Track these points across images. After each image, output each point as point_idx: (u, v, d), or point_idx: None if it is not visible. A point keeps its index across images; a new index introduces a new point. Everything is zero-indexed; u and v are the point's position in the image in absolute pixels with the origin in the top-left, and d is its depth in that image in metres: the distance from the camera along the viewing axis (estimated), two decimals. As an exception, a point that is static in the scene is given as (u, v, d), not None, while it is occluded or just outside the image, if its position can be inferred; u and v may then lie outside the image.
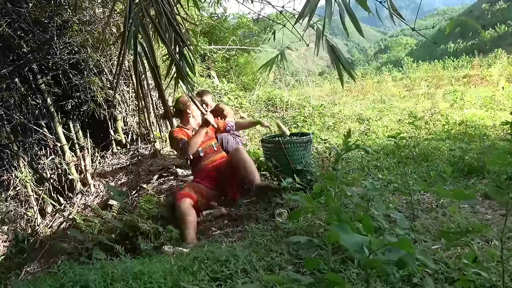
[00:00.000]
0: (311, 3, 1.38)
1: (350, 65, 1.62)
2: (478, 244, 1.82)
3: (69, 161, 4.36)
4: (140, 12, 1.50)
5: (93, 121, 4.73)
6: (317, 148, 4.68)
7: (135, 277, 1.66)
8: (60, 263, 1.96)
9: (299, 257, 1.77)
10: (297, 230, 2.17)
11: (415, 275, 1.48)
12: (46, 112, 4.33)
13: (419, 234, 1.99)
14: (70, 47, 4.17)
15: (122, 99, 4.86)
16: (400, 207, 2.52)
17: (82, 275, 1.69)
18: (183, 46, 1.68)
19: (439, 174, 3.17)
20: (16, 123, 4.16)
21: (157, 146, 4.75)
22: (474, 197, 1.31)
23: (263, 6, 4.67)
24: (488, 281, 1.38)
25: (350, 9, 1.42)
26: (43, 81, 4.20)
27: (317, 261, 1.30)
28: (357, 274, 1.54)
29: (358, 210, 1.87)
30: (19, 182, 4.17)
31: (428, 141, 4.67)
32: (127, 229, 2.56)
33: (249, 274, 1.65)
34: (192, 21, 6.17)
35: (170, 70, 1.94)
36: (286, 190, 2.69)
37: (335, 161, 1.84)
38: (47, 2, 3.88)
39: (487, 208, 2.48)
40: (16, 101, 4.10)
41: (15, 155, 4.23)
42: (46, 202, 4.27)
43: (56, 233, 3.57)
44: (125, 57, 1.46)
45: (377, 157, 4.06)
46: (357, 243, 0.95)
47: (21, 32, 3.95)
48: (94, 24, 4.19)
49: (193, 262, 1.79)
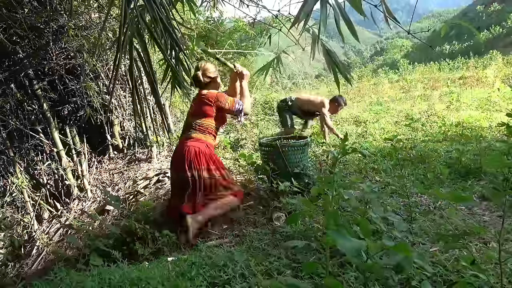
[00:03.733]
0: (306, 8, 1.38)
1: (346, 69, 1.63)
2: (476, 246, 1.83)
3: (66, 167, 4.34)
4: (135, 18, 1.50)
5: (90, 126, 4.72)
6: (315, 151, 4.69)
7: (132, 283, 1.65)
8: (56, 269, 1.94)
9: (297, 261, 1.77)
10: (295, 234, 2.16)
11: (413, 278, 1.47)
12: (42, 118, 4.31)
13: (417, 237, 1.99)
14: (66, 52, 4.16)
15: (119, 103, 4.86)
16: (398, 209, 2.52)
17: (79, 282, 1.68)
18: (179, 51, 1.68)
19: (436, 176, 3.18)
20: (12, 129, 4.13)
21: (154, 151, 4.74)
22: (471, 199, 1.31)
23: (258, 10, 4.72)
24: (486, 283, 1.38)
25: (345, 13, 1.43)
26: (39, 86, 4.18)
27: (315, 265, 1.29)
28: (356, 277, 1.54)
29: (356, 213, 1.87)
30: (15, 188, 4.14)
31: (425, 143, 4.68)
32: (124, 234, 2.54)
33: (247, 279, 1.64)
34: (188, 26, 6.17)
35: (166, 75, 1.94)
36: (284, 194, 2.69)
37: (333, 164, 1.84)
38: (43, 7, 3.87)
39: (485, 210, 2.49)
40: (12, 106, 4.09)
41: (11, 161, 4.20)
42: (42, 208, 4.25)
43: (53, 239, 3.55)
44: (120, 63, 1.45)
45: (375, 159, 4.06)
46: (354, 248, 0.95)
47: (17, 37, 3.94)
48: (90, 29, 4.18)
49: (191, 267, 1.78)
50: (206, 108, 2.83)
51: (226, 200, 2.72)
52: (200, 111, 2.86)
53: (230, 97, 2.88)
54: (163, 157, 4.81)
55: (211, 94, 2.85)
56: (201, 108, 2.85)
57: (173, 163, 2.87)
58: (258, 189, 3.17)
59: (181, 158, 2.73)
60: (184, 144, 2.77)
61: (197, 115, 2.87)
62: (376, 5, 1.52)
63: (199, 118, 2.86)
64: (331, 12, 1.49)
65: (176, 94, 4.02)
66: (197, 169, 2.68)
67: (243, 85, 2.98)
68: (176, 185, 2.88)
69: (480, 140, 4.21)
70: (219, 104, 2.81)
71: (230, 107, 2.83)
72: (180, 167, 2.73)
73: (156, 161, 4.62)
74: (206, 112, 2.84)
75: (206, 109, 2.83)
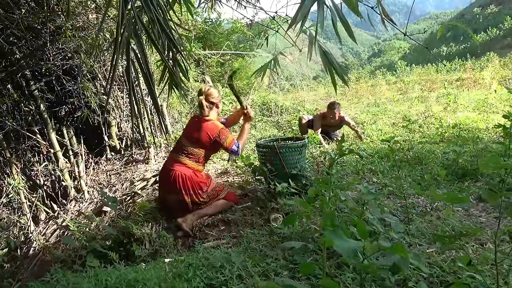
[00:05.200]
0: (303, 9, 1.38)
1: (343, 70, 1.63)
2: (472, 247, 1.83)
3: (62, 168, 4.32)
4: (133, 18, 1.50)
5: (87, 127, 4.70)
6: (312, 153, 4.69)
7: (129, 284, 1.64)
8: (53, 271, 1.93)
9: (295, 262, 1.77)
10: (293, 235, 2.16)
11: (410, 279, 1.48)
12: (39, 118, 4.29)
13: (414, 238, 2.00)
14: (64, 53, 4.14)
15: (116, 104, 4.84)
16: (395, 210, 2.53)
17: (76, 283, 1.68)
18: (176, 52, 1.68)
19: (433, 177, 3.19)
20: (9, 130, 4.11)
21: (151, 152, 4.73)
22: (468, 201, 1.31)
23: (256, 11, 4.65)
24: (482, 284, 1.38)
25: (342, 14, 1.43)
26: (36, 87, 4.16)
27: (312, 266, 1.29)
28: (353, 278, 1.54)
29: (353, 215, 1.87)
30: (11, 189, 4.12)
31: (422, 144, 4.70)
32: (121, 235, 2.53)
33: (244, 280, 1.64)
34: (186, 27, 6.18)
35: (164, 76, 1.94)
36: (281, 195, 2.69)
37: (330, 166, 1.85)
38: (40, 8, 3.86)
39: (481, 211, 2.50)
40: (9, 107, 4.07)
41: (7, 162, 4.18)
42: (39, 209, 4.22)
43: (50, 240, 3.53)
44: (117, 64, 1.45)
45: (372, 160, 4.07)
46: (350, 249, 0.95)
47: (14, 38, 3.92)
48: (88, 30, 4.17)
49: (188, 268, 1.78)
50: (203, 139, 2.88)
51: (218, 203, 2.90)
52: (196, 139, 2.90)
53: (229, 136, 2.93)
54: (160, 158, 4.80)
55: (214, 128, 2.90)
56: (198, 135, 2.89)
57: (161, 180, 2.98)
58: (255, 190, 3.17)
59: (167, 180, 2.85)
60: (173, 167, 2.85)
61: (192, 141, 2.92)
62: (373, 7, 1.53)
63: (192, 145, 2.91)
64: (328, 14, 1.49)
65: (174, 95, 4.01)
66: (182, 194, 2.80)
67: (245, 127, 3.07)
68: (163, 201, 3.03)
69: (477, 142, 4.23)
70: (218, 140, 2.88)
71: (227, 146, 2.91)
72: (166, 187, 2.89)
73: (154, 162, 4.61)
74: (202, 142, 2.89)
75: (203, 140, 2.88)
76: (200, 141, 2.88)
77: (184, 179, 2.80)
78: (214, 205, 2.89)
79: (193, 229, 2.70)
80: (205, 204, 2.86)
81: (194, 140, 2.90)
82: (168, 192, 2.88)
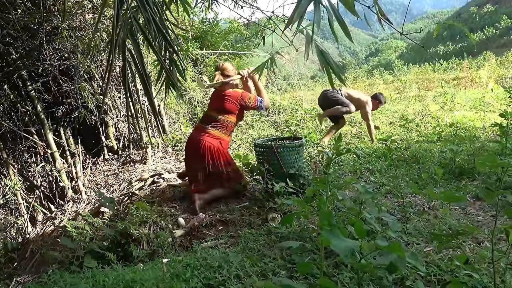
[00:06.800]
0: (300, 9, 1.38)
1: (340, 69, 1.63)
2: (469, 246, 1.84)
3: (60, 168, 4.31)
4: (128, 19, 1.49)
5: (84, 128, 4.68)
6: (310, 152, 4.69)
7: (127, 285, 1.64)
8: (50, 272, 1.93)
9: (292, 262, 1.77)
10: (290, 234, 2.16)
11: (407, 278, 1.48)
12: (36, 119, 4.28)
13: (411, 237, 2.00)
14: (60, 53, 4.13)
15: (114, 105, 4.83)
16: (392, 209, 2.53)
17: (73, 284, 1.67)
18: (173, 53, 1.67)
19: (430, 176, 3.20)
20: (6, 131, 4.09)
21: (148, 152, 4.73)
22: (465, 199, 1.32)
23: (253, 11, 4.67)
24: (479, 282, 1.39)
25: (339, 14, 1.43)
26: (32, 87, 4.15)
27: (309, 265, 1.29)
28: (350, 278, 1.54)
29: (351, 214, 1.87)
30: (8, 190, 4.10)
31: (419, 143, 4.71)
32: (119, 236, 2.53)
33: (242, 280, 1.64)
34: (182, 27, 6.16)
35: (160, 76, 1.93)
36: (279, 195, 2.69)
37: (327, 165, 1.85)
38: (36, 8, 3.85)
39: (478, 210, 2.51)
40: (5, 108, 4.05)
41: (4, 163, 4.16)
42: (36, 210, 4.21)
43: (47, 241, 3.52)
44: (113, 64, 1.45)
45: (369, 160, 4.08)
46: (348, 248, 0.95)
47: (10, 38, 3.91)
48: (84, 30, 4.16)
49: (186, 269, 1.77)
50: (231, 106, 3.11)
51: (230, 185, 3.13)
52: (223, 108, 3.12)
53: (252, 96, 3.15)
54: (158, 158, 4.79)
55: (236, 93, 3.12)
56: (225, 105, 3.11)
57: (188, 150, 3.19)
58: (253, 190, 3.17)
59: (196, 149, 3.07)
60: (200, 137, 3.08)
61: (220, 111, 3.13)
62: (369, 6, 1.53)
63: (221, 114, 3.13)
64: (325, 13, 1.49)
65: (171, 95, 4.01)
66: (208, 163, 3.04)
67: (258, 85, 3.24)
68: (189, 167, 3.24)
69: (474, 141, 4.25)
70: (243, 103, 3.11)
71: (253, 105, 3.14)
72: (194, 156, 3.10)
73: (151, 163, 4.60)
74: (231, 110, 3.12)
75: (231, 107, 3.11)
76: (227, 109, 3.11)
77: (211, 148, 3.05)
78: (228, 187, 3.10)
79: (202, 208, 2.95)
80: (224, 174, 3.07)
81: (221, 109, 3.12)
82: (194, 157, 3.11)
